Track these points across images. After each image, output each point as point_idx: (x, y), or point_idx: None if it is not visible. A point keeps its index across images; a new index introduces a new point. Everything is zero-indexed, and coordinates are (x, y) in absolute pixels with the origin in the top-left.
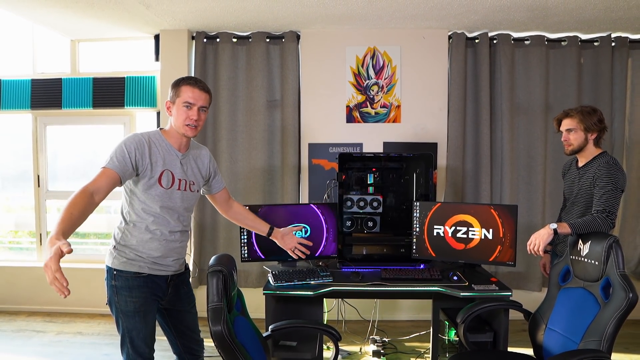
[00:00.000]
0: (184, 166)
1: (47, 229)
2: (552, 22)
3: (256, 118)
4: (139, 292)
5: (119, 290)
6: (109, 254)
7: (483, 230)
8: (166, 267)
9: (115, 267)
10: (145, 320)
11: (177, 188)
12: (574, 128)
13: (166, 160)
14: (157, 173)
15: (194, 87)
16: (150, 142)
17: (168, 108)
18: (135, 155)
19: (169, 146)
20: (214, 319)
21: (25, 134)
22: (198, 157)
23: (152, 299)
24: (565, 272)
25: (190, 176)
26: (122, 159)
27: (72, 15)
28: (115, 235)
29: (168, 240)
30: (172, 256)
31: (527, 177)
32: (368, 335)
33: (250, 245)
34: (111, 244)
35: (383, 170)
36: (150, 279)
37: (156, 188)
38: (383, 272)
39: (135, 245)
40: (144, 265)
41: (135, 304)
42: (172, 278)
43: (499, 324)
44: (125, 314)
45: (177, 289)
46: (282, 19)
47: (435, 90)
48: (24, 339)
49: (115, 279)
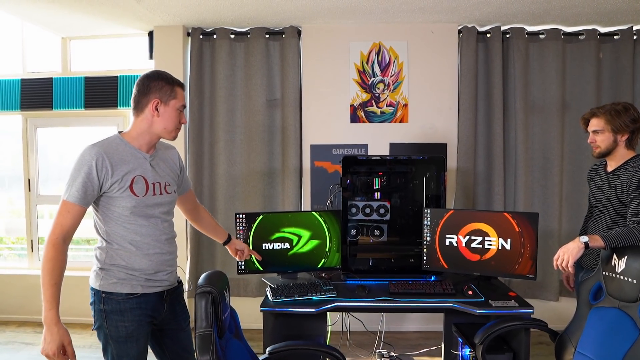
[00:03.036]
0: (155, 168)
1: (38, 235)
2: (570, 14)
3: (255, 118)
4: (131, 315)
5: (108, 314)
6: (95, 275)
7: (500, 240)
8: (160, 282)
9: (104, 289)
10: (138, 345)
11: (152, 193)
12: (600, 129)
13: (134, 165)
14: (128, 182)
15: (183, 89)
16: (111, 150)
17: (156, 108)
18: (97, 171)
19: (133, 150)
20: (202, 348)
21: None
22: (167, 155)
23: (146, 322)
24: (596, 290)
25: (163, 177)
26: (82, 186)
27: (60, 11)
28: (98, 256)
29: (156, 253)
30: (165, 270)
31: (542, 179)
32: (375, 348)
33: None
34: (95, 265)
35: (390, 174)
36: (144, 299)
37: (130, 199)
38: (391, 285)
39: (125, 263)
40: (137, 284)
41: (127, 328)
42: (167, 293)
43: (519, 344)
44: (116, 340)
45: (173, 306)
46: (282, 13)
47: (445, 87)
48: (12, 352)
49: (104, 302)
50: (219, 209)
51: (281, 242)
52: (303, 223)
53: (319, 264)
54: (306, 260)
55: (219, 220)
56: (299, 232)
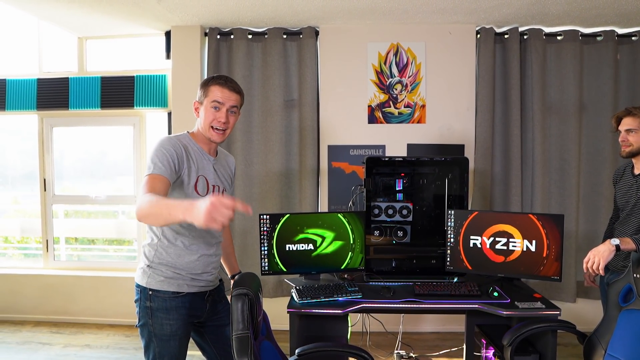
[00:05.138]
0: (217, 172)
1: (53, 235)
2: (589, 15)
3: (272, 119)
4: (177, 313)
5: (154, 312)
6: (142, 272)
7: (525, 241)
8: (204, 282)
9: (151, 286)
10: (180, 344)
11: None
12: (635, 129)
13: (200, 165)
14: (193, 179)
15: (223, 87)
16: (186, 145)
17: (196, 109)
18: (177, 159)
19: (200, 150)
20: (240, 350)
21: (32, 135)
22: (227, 162)
23: (189, 321)
24: (627, 292)
25: (223, 182)
26: (167, 162)
27: (79, 10)
28: (146, 253)
29: (205, 254)
30: (210, 271)
31: (559, 181)
32: (395, 349)
33: (272, 256)
34: (143, 263)
35: (413, 175)
36: (189, 298)
37: (193, 196)
38: (416, 286)
39: (173, 262)
40: (183, 283)
41: (172, 326)
42: (209, 293)
43: (545, 346)
44: (160, 338)
45: (214, 305)
46: (300, 14)
47: (462, 89)
48: (29, 352)
49: (151, 299)
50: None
51: (305, 243)
52: (327, 224)
53: (343, 265)
54: (329, 262)
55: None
56: (323, 233)
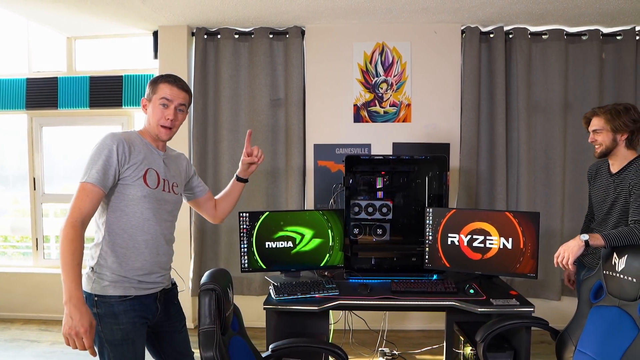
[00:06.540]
0: (167, 165)
1: (43, 233)
2: (572, 14)
3: (259, 118)
4: (125, 317)
5: (102, 318)
6: (86, 277)
7: (502, 239)
8: (153, 284)
9: (96, 292)
10: (134, 348)
11: (162, 189)
12: (600, 129)
13: (149, 158)
14: (141, 172)
15: (172, 85)
16: (130, 139)
17: (144, 106)
18: (117, 157)
19: (149, 145)
20: (206, 344)
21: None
22: (177, 158)
23: (140, 324)
24: (597, 289)
25: (173, 176)
26: (102, 168)
27: (66, 11)
28: (92, 255)
29: (154, 253)
30: (159, 272)
31: (545, 179)
32: (377, 347)
33: (251, 254)
34: (87, 266)
35: (393, 173)
36: (138, 301)
37: (142, 188)
38: (393, 284)
39: (116, 264)
40: (129, 287)
41: (122, 331)
42: (161, 294)
43: (520, 342)
44: (112, 344)
45: (167, 308)
46: (285, 14)
47: (448, 88)
48: (17, 349)
49: (97, 305)
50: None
51: (284, 240)
52: (306, 222)
53: (322, 263)
54: (309, 259)
55: None
56: (302, 231)
